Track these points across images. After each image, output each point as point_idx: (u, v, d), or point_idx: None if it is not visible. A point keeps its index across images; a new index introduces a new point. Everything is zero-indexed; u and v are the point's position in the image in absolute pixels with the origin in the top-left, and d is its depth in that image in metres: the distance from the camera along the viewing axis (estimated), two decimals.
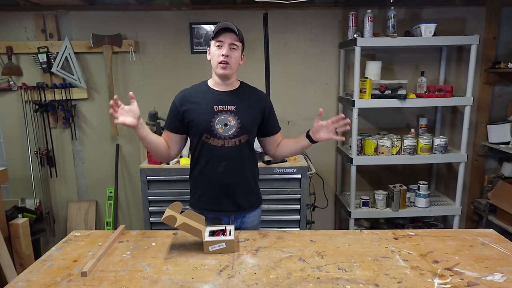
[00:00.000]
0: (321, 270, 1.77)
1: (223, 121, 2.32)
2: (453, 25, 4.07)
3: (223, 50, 2.26)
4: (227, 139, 2.33)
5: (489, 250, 1.95)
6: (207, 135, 2.33)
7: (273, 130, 2.54)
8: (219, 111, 2.32)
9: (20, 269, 3.18)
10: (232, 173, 2.38)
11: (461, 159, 3.84)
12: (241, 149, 2.38)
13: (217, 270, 1.77)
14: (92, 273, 1.75)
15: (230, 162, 2.36)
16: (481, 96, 4.23)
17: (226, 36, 2.26)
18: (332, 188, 4.47)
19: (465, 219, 4.52)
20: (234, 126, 2.33)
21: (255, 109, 2.42)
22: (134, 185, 4.35)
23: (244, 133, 2.36)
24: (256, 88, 2.54)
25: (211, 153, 2.35)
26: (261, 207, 2.60)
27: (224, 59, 2.26)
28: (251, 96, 2.45)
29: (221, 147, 2.33)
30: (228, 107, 2.34)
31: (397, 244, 2.03)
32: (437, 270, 1.75)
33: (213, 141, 2.33)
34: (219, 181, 2.38)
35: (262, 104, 2.45)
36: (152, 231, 2.26)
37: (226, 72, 2.29)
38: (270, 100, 2.63)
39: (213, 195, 2.40)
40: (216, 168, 2.36)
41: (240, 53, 2.35)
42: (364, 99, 3.66)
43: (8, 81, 4.08)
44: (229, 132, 2.33)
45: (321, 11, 4.08)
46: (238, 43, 2.30)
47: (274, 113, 2.55)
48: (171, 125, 2.41)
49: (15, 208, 3.71)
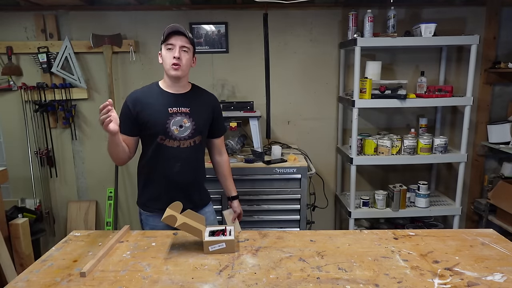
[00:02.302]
0: (321, 270, 1.77)
1: (178, 123, 2.40)
2: (453, 25, 4.07)
3: (175, 53, 2.31)
4: (182, 140, 2.42)
5: (489, 250, 1.95)
6: (162, 137, 2.40)
7: (218, 133, 2.68)
8: (174, 113, 2.40)
9: (20, 269, 3.18)
10: (187, 172, 2.49)
11: (461, 159, 3.84)
12: (195, 149, 2.49)
13: (217, 270, 1.77)
14: (92, 273, 1.75)
15: (185, 162, 2.46)
16: (481, 96, 4.22)
17: (177, 39, 2.32)
18: (332, 188, 4.47)
19: (465, 219, 4.52)
20: (189, 128, 2.42)
21: (207, 111, 2.53)
22: (134, 185, 4.31)
23: (199, 134, 2.47)
24: (206, 91, 2.64)
25: (167, 154, 2.43)
26: (211, 203, 2.76)
27: (176, 61, 2.32)
28: (203, 98, 2.55)
29: (177, 148, 2.42)
30: (183, 109, 2.42)
31: (397, 244, 2.03)
32: (437, 270, 1.75)
33: (169, 142, 2.41)
34: (174, 181, 2.47)
35: (212, 105, 2.58)
36: (152, 231, 2.26)
37: (178, 73, 2.35)
38: (220, 105, 2.74)
39: (168, 195, 2.44)
40: (172, 168, 2.44)
41: (191, 56, 2.42)
42: (364, 99, 3.66)
43: (8, 81, 4.08)
44: (184, 134, 2.41)
45: (321, 11, 4.08)
46: (189, 45, 2.36)
47: (221, 117, 2.69)
48: (126, 128, 2.41)
49: (15, 208, 3.71)
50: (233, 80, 4.20)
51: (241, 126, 3.77)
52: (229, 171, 2.80)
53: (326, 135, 4.36)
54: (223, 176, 2.78)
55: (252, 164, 3.55)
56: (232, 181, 2.81)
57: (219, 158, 2.75)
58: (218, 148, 2.73)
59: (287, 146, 4.15)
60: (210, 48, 4.10)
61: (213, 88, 4.17)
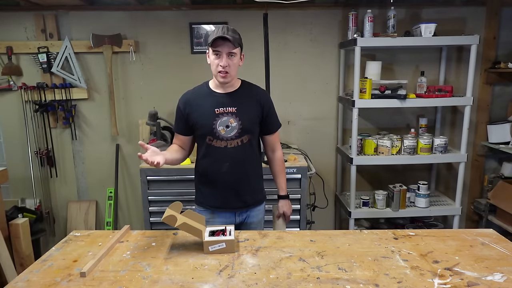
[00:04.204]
0: (321, 270, 1.77)
1: (224, 123, 2.38)
2: (453, 25, 4.07)
3: (222, 61, 2.29)
4: (229, 140, 2.41)
5: (489, 250, 1.95)
6: (210, 137, 2.41)
7: (270, 129, 2.62)
8: (220, 114, 2.39)
9: (20, 269, 3.18)
10: (236, 172, 2.47)
11: (461, 159, 3.84)
12: (243, 149, 2.46)
13: (217, 270, 1.77)
14: (92, 273, 1.75)
15: (233, 162, 2.45)
16: (481, 96, 4.23)
17: (224, 46, 2.28)
18: (332, 188, 4.47)
19: (465, 219, 4.52)
20: (235, 127, 2.39)
21: (256, 108, 2.48)
22: (134, 185, 4.35)
23: (246, 133, 2.43)
24: (256, 86, 2.59)
25: (215, 154, 2.44)
26: (265, 202, 2.69)
27: (223, 69, 2.30)
28: (252, 95, 2.50)
29: (224, 148, 2.42)
30: (229, 109, 2.40)
31: (397, 244, 2.03)
32: (437, 270, 1.75)
33: (216, 143, 2.41)
34: (223, 180, 2.47)
35: (262, 102, 2.50)
36: (152, 231, 2.26)
37: (226, 80, 2.35)
38: (270, 96, 2.67)
39: (219, 194, 2.49)
40: (220, 168, 2.45)
41: (239, 57, 2.39)
42: (364, 99, 3.66)
43: (8, 81, 4.08)
44: (231, 134, 2.40)
45: (321, 11, 4.08)
46: (236, 50, 2.32)
47: (273, 111, 2.62)
48: (179, 128, 2.51)
49: (15, 208, 3.71)
50: None
51: None
52: (281, 168, 2.71)
53: (326, 135, 4.36)
54: (274, 173, 2.72)
55: None
56: (283, 179, 2.71)
57: (271, 155, 2.69)
58: (271, 145, 2.66)
59: (287, 146, 4.15)
60: None
61: None
